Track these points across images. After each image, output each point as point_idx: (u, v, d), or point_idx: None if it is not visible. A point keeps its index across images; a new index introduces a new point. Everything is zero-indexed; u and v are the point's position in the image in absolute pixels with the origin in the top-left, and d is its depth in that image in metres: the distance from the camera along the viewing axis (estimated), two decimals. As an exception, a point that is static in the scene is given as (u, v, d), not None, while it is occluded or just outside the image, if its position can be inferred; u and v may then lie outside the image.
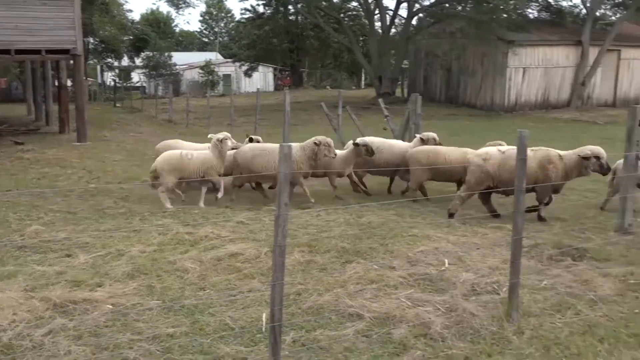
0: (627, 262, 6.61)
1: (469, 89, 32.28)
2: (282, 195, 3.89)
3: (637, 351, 4.64)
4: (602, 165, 8.22)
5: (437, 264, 6.53)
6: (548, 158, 8.48)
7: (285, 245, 3.97)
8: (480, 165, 8.71)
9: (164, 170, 9.43)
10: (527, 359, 4.48)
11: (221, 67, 55.47)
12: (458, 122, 25.41)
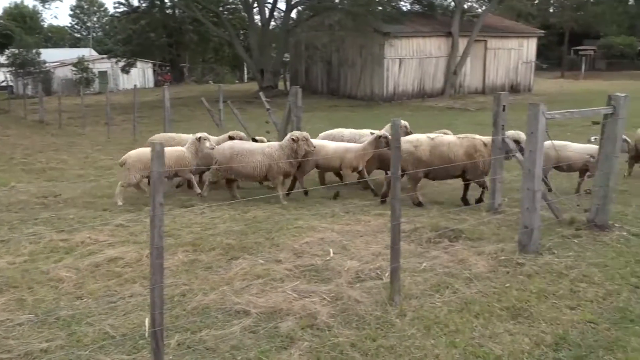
0: (498, 240, 7.02)
1: (349, 80, 32.99)
2: (156, 195, 3.75)
3: (509, 323, 4.93)
4: (523, 149, 8.54)
5: (322, 254, 6.61)
6: (474, 146, 8.78)
7: (162, 246, 3.82)
8: (412, 152, 8.90)
9: (134, 167, 9.38)
10: (410, 340, 4.63)
11: (96, 63, 52.93)
12: (340, 113, 25.89)
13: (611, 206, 7.44)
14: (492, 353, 4.42)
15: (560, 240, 6.92)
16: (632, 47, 64.00)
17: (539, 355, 4.42)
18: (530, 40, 36.22)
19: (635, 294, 5.53)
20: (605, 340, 4.64)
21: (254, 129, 14.81)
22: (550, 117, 6.37)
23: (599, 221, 7.26)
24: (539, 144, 6.22)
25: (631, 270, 6.05)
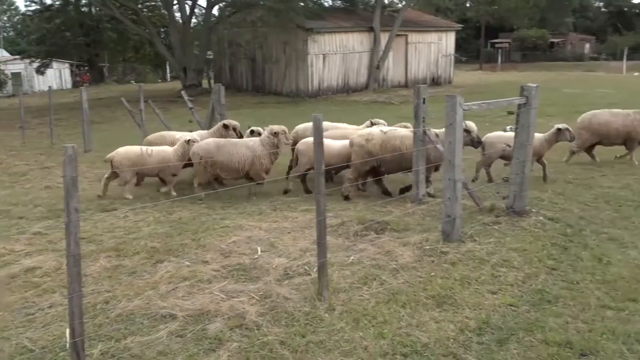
0: (423, 230, 7.17)
1: (274, 76, 32.87)
2: (70, 201, 3.60)
3: (435, 311, 5.05)
4: (473, 139, 8.67)
5: (250, 252, 6.55)
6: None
7: (79, 254, 3.68)
8: (362, 146, 8.90)
9: (122, 165, 9.43)
10: (339, 333, 4.65)
11: (8, 65, 50.40)
12: (266, 110, 25.75)
13: (528, 192, 7.73)
14: (419, 341, 4.51)
15: (481, 228, 7.14)
16: (544, 39, 66.98)
17: (463, 340, 4.55)
18: (448, 34, 37.19)
19: (552, 275, 5.78)
20: (525, 322, 4.82)
21: (178, 129, 14.50)
22: (467, 109, 6.55)
23: (517, 207, 7.55)
24: (457, 135, 6.39)
25: (548, 253, 6.32)
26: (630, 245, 6.57)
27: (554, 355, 4.27)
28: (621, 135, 11.09)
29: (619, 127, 11.01)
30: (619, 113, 11.26)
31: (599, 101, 23.36)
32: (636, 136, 10.99)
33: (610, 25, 78.47)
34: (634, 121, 10.95)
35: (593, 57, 67.19)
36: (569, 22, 75.25)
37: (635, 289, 5.39)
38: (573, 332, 4.60)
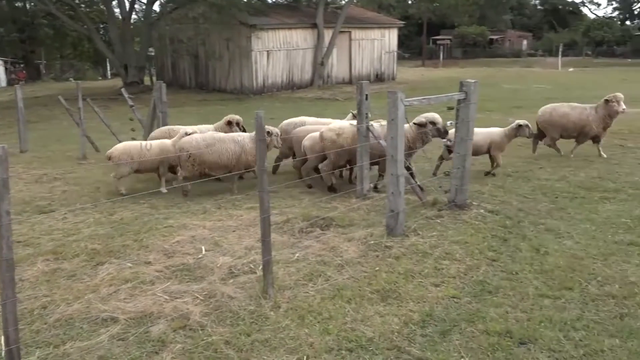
0: (367, 225, 7.23)
1: (218, 73, 32.51)
2: (2, 203, 3.45)
3: (379, 305, 5.10)
4: (440, 130, 8.65)
5: (194, 252, 6.46)
6: None
7: (12, 258, 3.54)
8: (334, 141, 8.89)
9: (121, 160, 9.36)
10: (284, 331, 4.64)
11: (-63, 62, 48.14)
12: (210, 107, 25.45)
13: (468, 186, 7.90)
14: (364, 336, 4.55)
15: (424, 222, 7.25)
16: (484, 36, 68.58)
17: (407, 333, 4.61)
18: (391, 30, 37.60)
19: (492, 267, 5.92)
20: (467, 313, 4.92)
21: (119, 127, 14.19)
22: (409, 104, 6.63)
23: (459, 201, 7.70)
24: (399, 130, 6.46)
25: (488, 245, 6.47)
26: (566, 235, 6.79)
27: (495, 345, 4.37)
28: (577, 129, 11.35)
29: (576, 120, 11.29)
30: (577, 107, 11.56)
31: (536, 96, 24.11)
32: (590, 131, 11.22)
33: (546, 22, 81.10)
34: (588, 116, 11.20)
35: (530, 54, 69.25)
36: (507, 19, 77.35)
37: (570, 277, 5.58)
38: (512, 322, 4.73)
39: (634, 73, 39.59)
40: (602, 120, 11.14)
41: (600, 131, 11.27)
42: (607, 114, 11.07)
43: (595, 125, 11.17)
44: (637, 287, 5.33)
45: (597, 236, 6.75)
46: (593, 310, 4.91)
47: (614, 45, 67.18)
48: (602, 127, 11.21)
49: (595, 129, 11.20)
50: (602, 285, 5.41)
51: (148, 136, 11.42)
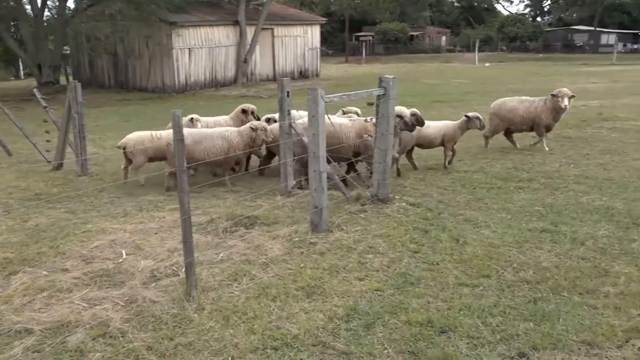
0: (292, 222, 7.23)
1: (138, 72, 31.65)
2: None
3: (305, 302, 5.11)
4: (407, 123, 8.69)
5: (114, 256, 6.27)
6: (365, 128, 8.85)
7: None
8: (304, 135, 8.70)
9: (136, 151, 9.60)
10: (209, 333, 4.58)
11: None
12: (131, 107, 24.75)
13: (390, 180, 8.04)
14: (290, 333, 4.54)
15: (348, 217, 7.33)
16: (404, 32, 69.96)
17: (332, 328, 4.64)
18: (314, 27, 37.75)
19: (414, 258, 6.05)
20: (390, 305, 5.01)
21: (33, 130, 13.58)
22: (329, 101, 6.67)
23: (381, 195, 7.82)
24: (320, 127, 6.49)
25: (410, 238, 6.61)
26: (483, 225, 7.03)
27: (417, 335, 4.47)
28: (526, 122, 11.58)
29: (524, 113, 11.52)
30: (525, 100, 11.81)
31: (455, 90, 24.85)
32: (540, 122, 11.43)
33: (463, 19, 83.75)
34: (537, 108, 11.43)
35: (449, 49, 71.26)
36: (426, 16, 79.32)
37: (488, 265, 5.78)
38: (434, 311, 4.85)
39: (545, 67, 41.48)
40: (550, 112, 11.36)
41: (551, 122, 11.51)
42: (553, 107, 11.29)
43: (545, 116, 11.36)
44: (549, 272, 5.58)
45: (513, 224, 7.02)
46: (509, 296, 5.10)
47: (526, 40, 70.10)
48: (552, 118, 11.44)
49: (545, 120, 11.41)
50: (517, 271, 5.64)
51: (64, 138, 11.00)
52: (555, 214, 7.37)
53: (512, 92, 23.07)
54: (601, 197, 8.05)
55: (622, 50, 60.76)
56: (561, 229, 6.78)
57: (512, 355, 4.17)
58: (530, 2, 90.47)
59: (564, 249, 6.17)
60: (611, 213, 7.33)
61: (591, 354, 4.15)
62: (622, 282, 5.30)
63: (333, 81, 33.41)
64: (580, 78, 29.80)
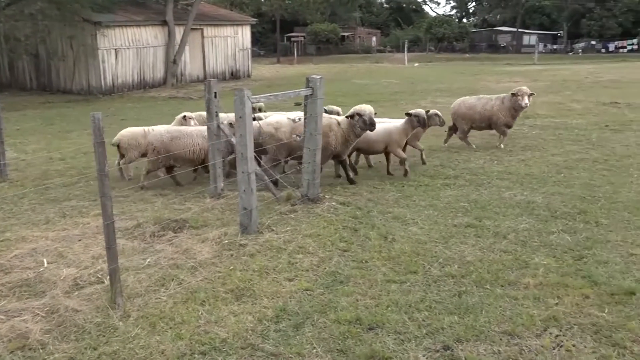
0: (222, 225, 7.15)
1: (62, 74, 30.56)
2: None
3: (234, 304, 5.06)
4: (365, 122, 8.53)
5: (35, 265, 6.02)
6: (329, 125, 8.68)
7: None
8: (272, 134, 8.72)
9: (130, 146, 9.79)
10: (134, 340, 4.46)
11: None
12: (55, 110, 23.87)
13: (319, 180, 8.07)
14: (218, 337, 4.49)
15: (278, 217, 7.32)
16: (335, 33, 70.57)
17: (261, 330, 4.61)
18: (244, 27, 37.53)
19: (344, 257, 6.09)
20: (320, 304, 5.02)
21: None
22: (256, 101, 6.64)
23: (311, 195, 7.85)
24: (247, 127, 6.45)
25: (340, 236, 6.66)
26: (411, 222, 7.17)
27: (345, 333, 4.50)
28: (484, 119, 11.67)
29: (481, 110, 11.62)
30: (483, 98, 11.95)
31: (385, 90, 25.25)
32: (498, 120, 11.54)
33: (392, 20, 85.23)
34: (493, 106, 11.54)
35: (379, 50, 72.41)
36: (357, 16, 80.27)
37: (415, 261, 5.89)
38: (362, 309, 4.90)
39: (471, 67, 42.74)
40: (508, 111, 11.45)
41: (509, 120, 11.60)
42: (512, 106, 11.39)
43: (503, 114, 11.47)
44: (473, 265, 5.74)
45: (439, 221, 7.19)
46: (435, 291, 5.22)
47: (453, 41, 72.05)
48: (510, 116, 11.53)
49: (503, 119, 11.51)
50: (443, 266, 5.77)
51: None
52: (480, 209, 7.60)
53: (439, 92, 23.74)
54: (522, 192, 8.36)
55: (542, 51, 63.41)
56: (485, 224, 7.00)
57: (437, 348, 4.27)
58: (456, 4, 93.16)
59: (487, 243, 6.37)
60: (531, 207, 7.62)
61: (512, 344, 4.30)
62: (541, 273, 5.52)
63: (265, 82, 33.34)
64: (504, 77, 30.87)
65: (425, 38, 72.36)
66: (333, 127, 8.70)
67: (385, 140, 9.55)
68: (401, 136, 9.58)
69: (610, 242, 6.27)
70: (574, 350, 4.17)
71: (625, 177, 9.08)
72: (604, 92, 21.01)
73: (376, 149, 9.74)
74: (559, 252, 6.04)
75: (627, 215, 7.18)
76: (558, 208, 7.53)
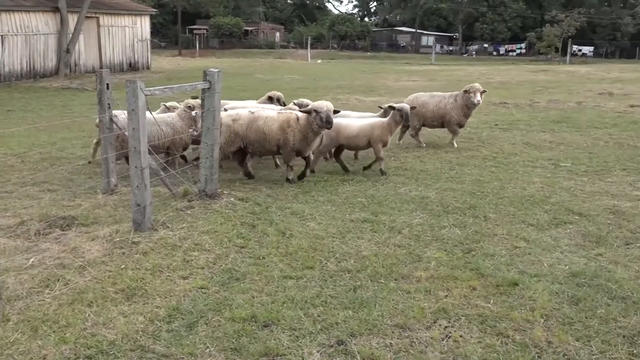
0: (114, 222, 6.86)
1: (-60, 60, 28.32)
2: None
3: (124, 305, 4.86)
4: (322, 119, 8.19)
5: None
6: (287, 121, 8.45)
7: None
8: (229, 126, 8.54)
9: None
10: (13, 346, 4.18)
11: None
12: None
13: (217, 175, 7.93)
14: (106, 340, 4.29)
15: (174, 214, 7.11)
16: (239, 27, 69.93)
17: (153, 330, 4.45)
18: (143, 18, 36.34)
19: (241, 254, 6.01)
20: (215, 302, 4.92)
21: None
22: (150, 94, 6.41)
23: (209, 190, 7.69)
24: (141, 121, 6.21)
25: (237, 233, 6.57)
26: (309, 217, 7.19)
27: (240, 331, 4.43)
28: (437, 117, 11.50)
29: (434, 108, 11.45)
30: (436, 95, 11.74)
31: (288, 86, 25.27)
32: (450, 119, 11.43)
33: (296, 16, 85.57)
34: (446, 105, 11.38)
35: (283, 45, 72.51)
36: (260, 11, 79.92)
37: (312, 257, 5.91)
38: (258, 306, 4.85)
39: (372, 65, 43.72)
40: (461, 109, 11.34)
41: (462, 119, 11.49)
42: (464, 104, 11.29)
43: (456, 113, 11.35)
44: (368, 260, 5.84)
45: (337, 216, 7.27)
46: (331, 286, 5.25)
47: (355, 39, 73.40)
48: (462, 115, 11.43)
49: (456, 117, 11.40)
50: (339, 261, 5.83)
51: None
52: (376, 205, 7.75)
53: (341, 88, 24.08)
54: (417, 188, 8.62)
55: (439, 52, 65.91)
56: (381, 219, 7.14)
57: (332, 343, 4.29)
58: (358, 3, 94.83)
59: (383, 238, 6.50)
60: (425, 202, 7.86)
61: (403, 336, 4.40)
62: (433, 266, 5.69)
63: (165, 74, 32.48)
64: (403, 76, 31.79)
65: (328, 35, 73.24)
66: (292, 122, 8.53)
67: (368, 136, 9.26)
68: (384, 132, 9.26)
69: (496, 236, 6.58)
70: (461, 341, 4.33)
71: (512, 173, 9.59)
72: (494, 92, 22.05)
73: (359, 144, 9.50)
74: (450, 246, 6.27)
75: (512, 209, 7.57)
76: (450, 203, 7.82)
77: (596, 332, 4.44)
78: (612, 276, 5.43)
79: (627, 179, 9.25)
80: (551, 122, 14.74)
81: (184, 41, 61.52)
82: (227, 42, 68.72)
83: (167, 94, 7.15)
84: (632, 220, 7.15)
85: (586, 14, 65.49)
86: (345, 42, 72.40)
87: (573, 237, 6.61)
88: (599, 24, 70.72)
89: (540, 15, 71.52)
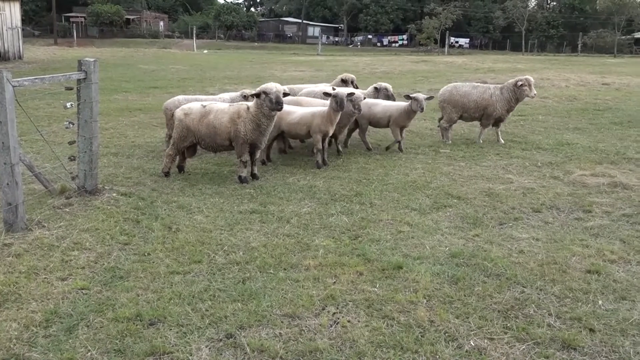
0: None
1: None
2: None
3: (-5, 311, 4.52)
4: (272, 100, 7.71)
5: None
6: (237, 112, 8.05)
7: None
8: (181, 120, 8.35)
9: None
10: None
11: None
12: None
13: (98, 170, 7.58)
14: (-26, 351, 3.97)
15: (51, 212, 6.71)
16: (120, 15, 67.19)
17: (28, 337, 4.18)
18: (13, 4, 33.88)
19: (124, 251, 5.78)
20: (97, 303, 4.69)
21: None
22: (19, 85, 5.98)
23: (89, 186, 7.33)
24: (8, 114, 5.78)
25: (120, 229, 6.31)
26: (196, 210, 7.04)
27: (124, 331, 4.25)
28: (480, 109, 10.97)
29: (477, 99, 10.92)
30: (479, 86, 11.17)
31: (173, 76, 24.64)
32: (493, 112, 10.87)
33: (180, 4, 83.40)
34: (492, 96, 10.85)
35: (168, 35, 70.51)
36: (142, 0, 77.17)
37: (200, 251, 5.79)
38: (143, 304, 4.68)
39: (259, 55, 43.55)
40: (507, 102, 10.80)
41: (504, 113, 10.96)
42: (513, 97, 10.73)
43: (500, 106, 10.82)
44: (257, 251, 5.80)
45: (225, 208, 7.17)
46: (219, 280, 5.17)
47: (242, 29, 72.75)
48: (506, 109, 10.89)
49: (499, 111, 10.87)
50: (228, 254, 5.75)
51: None
52: (265, 195, 7.72)
53: (228, 79, 23.80)
54: (305, 177, 8.68)
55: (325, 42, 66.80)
56: (269, 209, 7.12)
57: (220, 337, 4.22)
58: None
59: (272, 228, 6.49)
60: (313, 191, 7.93)
61: (292, 325, 4.41)
62: (321, 254, 5.76)
63: (39, 64, 30.56)
64: (290, 66, 31.92)
65: (214, 25, 72.07)
66: (242, 113, 8.13)
67: (308, 124, 9.10)
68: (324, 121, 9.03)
69: (382, 221, 6.77)
70: (349, 326, 4.40)
71: (396, 160, 9.90)
72: (378, 82, 22.64)
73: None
74: (337, 233, 6.37)
75: (396, 195, 7.81)
76: (337, 191, 7.94)
77: (474, 309, 4.68)
78: (487, 255, 5.75)
79: (500, 162, 9.83)
80: (432, 111, 15.35)
81: (60, 30, 58.19)
82: (108, 31, 65.78)
83: (38, 85, 6.71)
84: (505, 201, 7.60)
85: (461, 7, 69.01)
86: (232, 32, 71.54)
87: (452, 219, 6.92)
88: (474, 17, 74.72)
89: (420, 7, 74.38)
